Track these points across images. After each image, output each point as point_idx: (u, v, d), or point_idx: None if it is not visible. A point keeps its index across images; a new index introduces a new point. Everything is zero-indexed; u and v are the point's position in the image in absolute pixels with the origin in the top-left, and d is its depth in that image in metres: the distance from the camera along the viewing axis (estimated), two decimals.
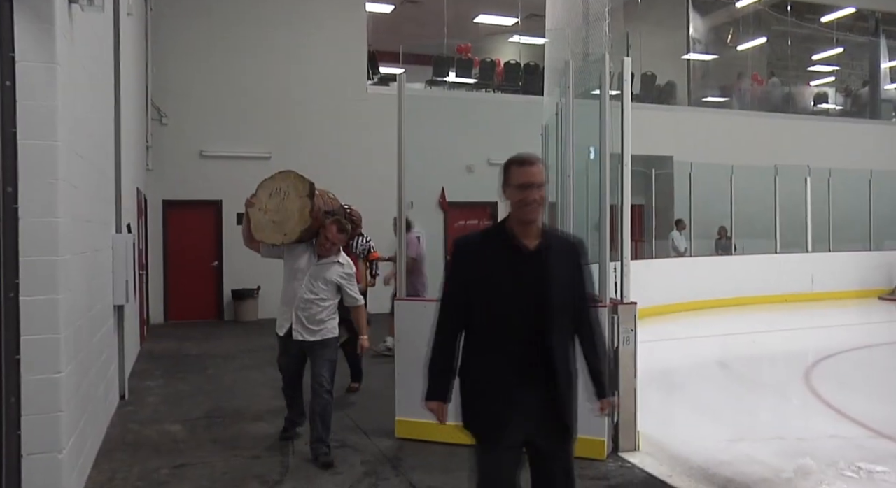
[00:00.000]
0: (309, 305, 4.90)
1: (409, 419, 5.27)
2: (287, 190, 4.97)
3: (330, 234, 4.91)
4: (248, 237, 5.15)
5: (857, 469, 4.60)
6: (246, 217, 5.13)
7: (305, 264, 4.95)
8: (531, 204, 2.59)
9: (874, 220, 15.83)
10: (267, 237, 5.02)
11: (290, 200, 4.94)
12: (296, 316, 4.90)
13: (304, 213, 4.91)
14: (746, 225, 14.66)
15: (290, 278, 5.00)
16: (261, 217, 5.03)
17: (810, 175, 14.82)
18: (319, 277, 4.92)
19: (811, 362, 8.25)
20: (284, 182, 5.01)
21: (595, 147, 5.27)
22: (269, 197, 5.02)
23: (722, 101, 18.60)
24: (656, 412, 5.85)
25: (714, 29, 18.79)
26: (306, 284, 4.90)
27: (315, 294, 4.91)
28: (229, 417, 6.13)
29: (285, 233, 4.94)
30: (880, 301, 14.56)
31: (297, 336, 4.91)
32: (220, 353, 9.30)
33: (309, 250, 5.02)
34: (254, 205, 5.07)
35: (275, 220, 4.98)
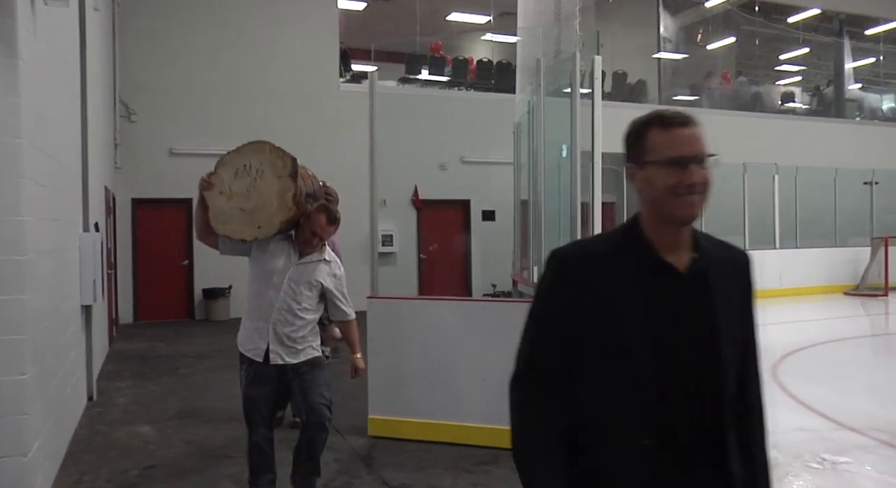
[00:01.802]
0: (290, 318, 3.77)
1: (381, 417, 5.27)
2: (260, 168, 3.77)
3: (317, 226, 3.81)
4: (202, 229, 3.88)
5: (822, 460, 4.70)
6: (201, 203, 3.86)
7: (283, 264, 3.81)
8: (693, 192, 1.56)
9: (839, 217, 16.15)
10: (234, 230, 3.80)
11: (266, 182, 3.77)
12: (273, 332, 3.76)
13: (286, 199, 3.73)
14: (716, 222, 14.83)
15: (261, 283, 3.82)
16: (223, 204, 3.79)
17: (778, 173, 15.05)
18: (302, 281, 3.81)
19: (779, 357, 8.39)
20: (256, 157, 3.80)
21: (567, 145, 5.31)
22: (234, 176, 3.79)
23: (692, 99, 18.81)
24: None
25: (684, 28, 19.00)
26: (285, 290, 3.78)
27: (297, 302, 3.79)
28: (201, 418, 6.07)
29: (259, 226, 3.76)
30: (846, 296, 14.85)
31: (276, 359, 3.77)
32: (191, 353, 9.20)
33: (287, 246, 3.87)
34: (212, 186, 3.81)
35: (244, 208, 3.75)
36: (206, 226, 3.87)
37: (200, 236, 3.96)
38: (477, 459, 4.79)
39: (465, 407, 5.06)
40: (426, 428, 5.13)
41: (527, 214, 6.24)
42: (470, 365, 4.98)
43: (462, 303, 5.67)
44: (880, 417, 5.77)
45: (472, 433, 5.00)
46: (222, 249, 3.95)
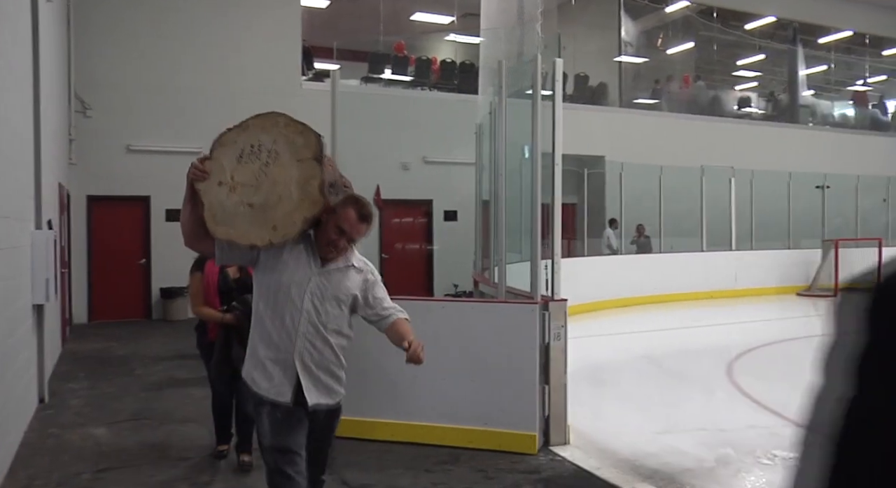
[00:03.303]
0: (319, 345, 2.88)
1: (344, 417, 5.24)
2: (273, 148, 2.83)
3: (346, 224, 2.87)
4: (193, 232, 2.92)
5: (773, 456, 4.83)
6: (190, 198, 2.89)
7: (302, 274, 2.88)
8: None
9: (793, 220, 16.57)
10: (240, 233, 2.83)
11: (282, 167, 2.82)
12: (301, 365, 2.86)
13: (310, 190, 2.80)
14: (673, 223, 15.13)
15: (276, 300, 2.88)
16: (223, 198, 2.83)
17: (734, 176, 15.38)
18: (328, 295, 2.89)
19: (734, 356, 8.58)
20: (267, 134, 2.84)
21: (528, 146, 5.36)
22: (237, 161, 2.84)
23: (652, 102, 19.12)
24: (587, 406, 5.99)
25: (645, 33, 19.29)
26: (307, 309, 2.85)
27: (324, 324, 2.88)
28: (157, 419, 5.97)
29: (274, 226, 2.80)
30: (798, 297, 15.23)
31: (313, 399, 2.88)
32: (147, 354, 9.03)
33: (305, 250, 2.92)
34: (207, 176, 2.85)
35: (252, 203, 2.81)
36: (198, 228, 2.87)
37: (190, 241, 2.95)
38: (437, 458, 4.80)
39: (425, 407, 5.07)
40: (387, 427, 5.12)
41: (488, 215, 6.28)
42: (430, 365, 4.97)
43: (423, 303, 5.68)
44: None
45: (433, 432, 5.01)
46: (221, 257, 2.98)
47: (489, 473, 4.57)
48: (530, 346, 4.95)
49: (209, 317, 4.62)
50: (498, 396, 4.96)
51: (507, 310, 5.22)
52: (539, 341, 4.96)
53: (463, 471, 4.59)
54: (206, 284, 4.63)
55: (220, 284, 4.61)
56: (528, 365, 4.94)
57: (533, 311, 4.99)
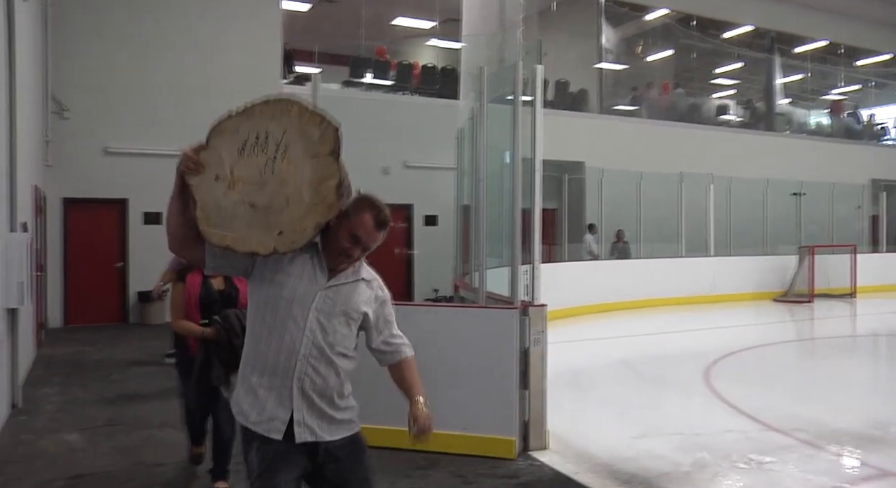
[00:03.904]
0: (322, 370, 2.46)
1: None
2: (283, 141, 2.40)
3: (361, 231, 2.49)
4: (182, 235, 2.46)
5: (749, 460, 4.88)
6: (178, 195, 2.42)
7: (306, 288, 2.47)
8: None
9: (769, 227, 16.77)
10: (239, 238, 2.41)
11: (292, 163, 2.40)
12: (299, 393, 2.44)
13: (325, 192, 2.41)
14: (654, 229, 15.25)
15: (273, 317, 2.47)
16: (219, 196, 2.40)
17: (712, 182, 15.55)
18: (336, 312, 2.49)
19: (711, 361, 8.66)
20: (276, 123, 2.40)
21: (509, 151, 5.38)
22: (239, 153, 2.39)
23: (632, 109, 19.28)
24: (566, 411, 6.01)
25: (625, 40, 19.47)
26: (311, 327, 2.44)
27: (331, 345, 2.48)
28: (133, 424, 5.90)
29: (280, 232, 2.40)
30: (775, 302, 15.41)
31: (306, 436, 2.45)
32: (124, 358, 8.93)
33: (310, 260, 2.51)
34: (201, 169, 2.39)
35: (255, 204, 2.40)
36: (187, 230, 2.42)
37: (177, 246, 2.49)
38: (416, 464, 4.79)
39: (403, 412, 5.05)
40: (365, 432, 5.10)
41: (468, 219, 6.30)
42: None
43: (403, 308, 5.67)
44: (804, 418, 6.01)
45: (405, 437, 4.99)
46: (212, 265, 2.51)
47: (468, 478, 4.57)
48: (509, 351, 4.96)
49: (188, 331, 4.21)
50: (477, 401, 4.96)
51: (486, 315, 5.23)
52: (518, 346, 4.98)
53: (441, 476, 4.59)
54: (186, 295, 4.21)
55: (203, 296, 4.20)
56: (507, 370, 4.95)
57: (512, 316, 5.00)
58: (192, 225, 2.42)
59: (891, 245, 19.34)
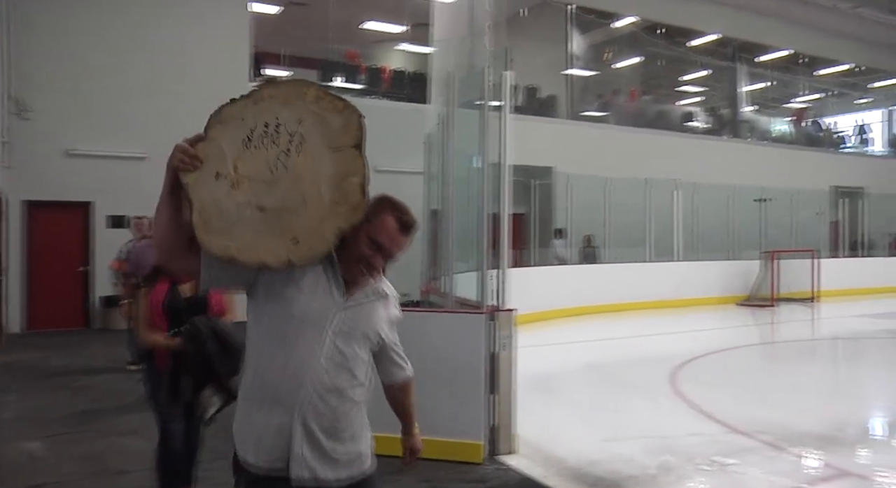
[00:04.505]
0: (333, 402, 2.12)
1: None
2: (299, 130, 2.05)
3: (383, 237, 2.15)
4: (169, 243, 2.08)
5: (712, 462, 4.96)
6: (170, 195, 2.05)
7: (321, 306, 2.11)
8: None
9: (733, 232, 17.07)
10: (245, 248, 2.02)
11: (309, 157, 2.05)
12: (302, 427, 2.09)
13: (351, 192, 2.05)
14: (621, 234, 15.43)
15: (280, 341, 2.10)
16: (222, 196, 2.03)
17: (678, 188, 15.78)
18: (356, 334, 2.16)
19: (677, 364, 8.78)
20: (291, 110, 2.05)
21: (478, 156, 5.41)
22: (243, 145, 2.04)
23: (600, 115, 19.49)
24: (535, 415, 6.04)
25: (593, 47, 19.70)
26: (328, 354, 2.10)
27: (350, 369, 2.15)
28: (96, 431, 5.79)
29: (296, 239, 2.03)
30: (738, 307, 15.68)
31: (302, 472, 2.11)
32: (87, 364, 8.77)
33: (325, 272, 2.14)
34: (199, 164, 2.03)
35: (265, 206, 2.03)
36: (180, 238, 2.05)
37: (167, 257, 2.10)
38: (383, 468, 4.76)
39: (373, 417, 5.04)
40: None
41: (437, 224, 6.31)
42: None
43: None
44: (767, 420, 6.13)
45: (378, 442, 4.96)
46: (209, 279, 2.10)
47: (436, 483, 4.57)
48: (477, 356, 4.98)
49: (156, 343, 3.82)
50: (445, 405, 4.96)
51: (454, 320, 5.24)
52: (486, 350, 5.00)
53: (409, 481, 4.59)
54: (152, 304, 3.81)
55: (168, 303, 3.79)
56: (475, 374, 4.97)
57: (480, 321, 5.02)
58: (185, 232, 2.04)
59: (850, 250, 19.83)
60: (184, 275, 2.31)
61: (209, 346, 3.65)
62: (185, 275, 2.23)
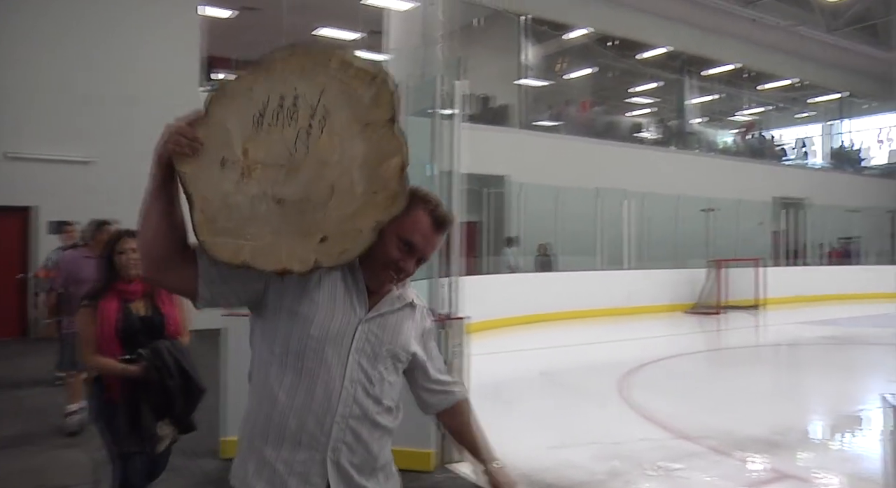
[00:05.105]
0: (365, 434, 1.81)
1: (233, 438, 5.08)
2: (322, 104, 1.66)
3: (417, 235, 1.82)
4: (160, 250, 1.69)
5: (658, 467, 5.05)
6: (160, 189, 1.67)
7: (344, 321, 1.78)
8: None
9: (681, 241, 17.45)
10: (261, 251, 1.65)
11: (336, 137, 1.67)
12: (335, 469, 1.77)
13: (388, 178, 1.69)
14: (572, 243, 15.63)
15: (298, 366, 1.76)
16: (229, 187, 1.65)
17: (627, 198, 16.06)
18: (382, 352, 1.84)
19: (627, 371, 8.91)
20: (310, 80, 1.67)
21: (431, 164, 5.43)
22: (254, 125, 1.66)
23: (552, 125, 19.74)
24: (486, 423, 6.02)
25: (546, 57, 19.96)
26: (353, 377, 1.77)
27: (378, 399, 1.83)
28: (37, 444, 5.59)
29: (325, 238, 1.66)
30: (686, 314, 16.02)
31: None
32: (25, 373, 8.46)
33: (344, 280, 1.81)
34: (199, 148, 1.64)
35: (283, 199, 1.66)
36: (174, 244, 1.69)
37: (154, 268, 1.72)
38: None
39: None
40: None
41: None
42: None
43: None
44: (712, 426, 6.27)
45: None
46: (208, 293, 1.73)
47: None
48: None
49: (107, 368, 3.36)
50: None
51: None
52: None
53: None
54: (100, 325, 3.34)
55: (122, 324, 3.36)
56: None
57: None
58: (180, 236, 1.69)
59: (791, 259, 20.48)
60: (178, 290, 1.78)
61: (173, 381, 3.30)
62: (178, 290, 1.78)
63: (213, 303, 1.76)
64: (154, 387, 3.28)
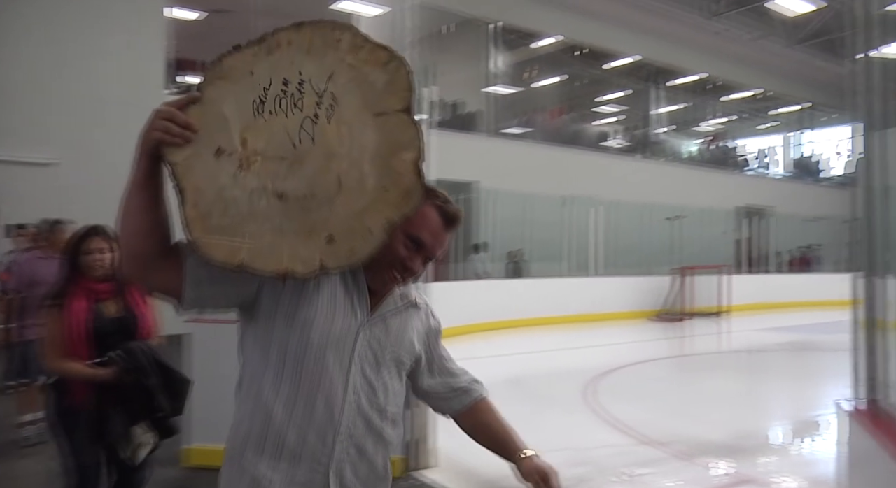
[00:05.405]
0: (369, 446, 1.69)
1: (198, 446, 5.02)
2: (330, 89, 1.51)
3: (426, 232, 1.70)
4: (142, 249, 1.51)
5: (622, 473, 5.11)
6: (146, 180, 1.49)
7: (343, 325, 1.65)
8: None
9: (647, 249, 17.68)
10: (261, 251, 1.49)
11: (345, 125, 1.51)
12: (337, 481, 1.64)
13: (403, 172, 1.51)
14: (540, 250, 15.74)
15: (296, 375, 1.62)
16: (226, 180, 1.49)
17: (595, 205, 16.23)
18: (387, 357, 1.73)
19: (593, 377, 9.00)
20: (316, 59, 1.51)
21: None
22: (254, 110, 1.50)
23: (521, 132, 19.87)
24: (453, 429, 6.05)
25: (515, 65, 20.10)
26: (356, 385, 1.65)
27: (381, 409, 1.71)
28: None
29: (331, 237, 1.51)
30: (651, 321, 16.22)
31: None
32: None
33: (343, 281, 1.68)
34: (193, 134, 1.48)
35: (285, 193, 1.50)
36: (158, 241, 1.53)
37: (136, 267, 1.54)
38: None
39: None
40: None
41: None
42: None
43: None
44: (676, 431, 6.36)
45: None
46: (194, 296, 1.58)
47: None
48: None
49: (75, 373, 3.15)
50: None
51: None
52: None
53: None
54: (67, 326, 3.14)
55: (95, 326, 3.18)
56: None
57: None
58: (165, 234, 1.54)
59: (753, 267, 20.85)
60: (161, 292, 1.60)
61: (152, 380, 3.14)
62: (161, 291, 1.59)
63: (199, 307, 1.61)
64: (131, 391, 3.11)
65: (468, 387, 1.99)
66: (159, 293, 1.60)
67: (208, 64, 1.54)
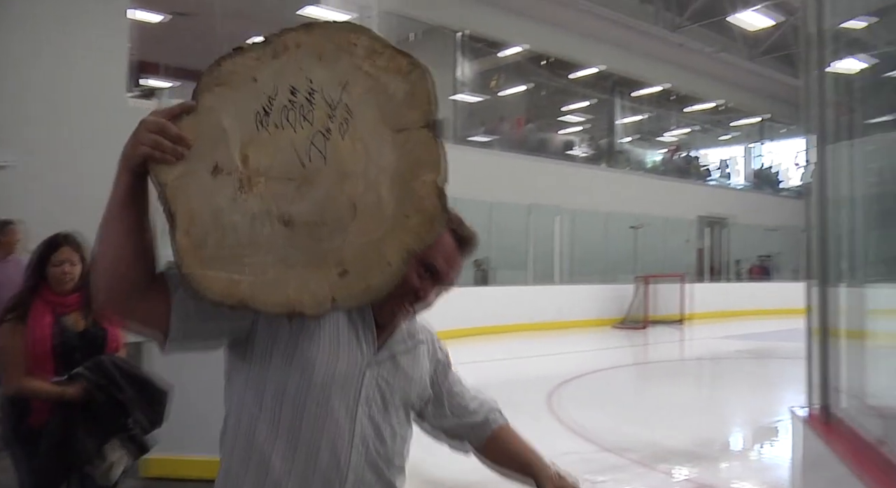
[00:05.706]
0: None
1: (157, 456, 4.92)
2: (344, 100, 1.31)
3: (440, 259, 1.55)
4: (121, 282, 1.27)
5: (585, 480, 5.13)
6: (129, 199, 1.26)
7: (349, 364, 1.46)
8: None
9: (610, 257, 17.88)
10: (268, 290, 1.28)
11: (360, 141, 1.31)
12: None
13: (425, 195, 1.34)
14: (504, 258, 15.82)
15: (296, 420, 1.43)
16: (222, 204, 1.27)
17: (559, 214, 16.37)
18: (396, 399, 1.58)
19: (555, 385, 9.05)
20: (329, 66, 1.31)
21: None
22: (257, 122, 1.29)
23: (486, 140, 19.96)
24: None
25: (481, 74, 20.21)
26: (363, 432, 1.48)
27: (389, 458, 1.59)
28: None
29: (345, 271, 1.30)
30: (614, 329, 16.39)
31: None
32: None
33: (347, 315, 1.49)
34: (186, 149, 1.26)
35: (291, 219, 1.29)
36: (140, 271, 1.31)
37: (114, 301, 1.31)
38: None
39: None
40: (208, 465, 4.87)
41: None
42: None
43: None
44: (636, 439, 6.43)
45: None
46: (181, 331, 1.36)
47: None
48: None
49: (40, 392, 2.93)
50: None
51: None
52: None
53: None
54: (30, 342, 2.92)
55: (60, 342, 2.97)
56: None
57: None
58: (149, 262, 1.32)
59: (714, 275, 21.22)
60: (139, 326, 1.38)
61: (126, 394, 2.95)
62: (141, 324, 1.37)
63: (186, 341, 1.37)
64: (103, 407, 2.91)
65: (484, 421, 1.85)
66: (140, 326, 1.37)
67: (206, 70, 1.36)
